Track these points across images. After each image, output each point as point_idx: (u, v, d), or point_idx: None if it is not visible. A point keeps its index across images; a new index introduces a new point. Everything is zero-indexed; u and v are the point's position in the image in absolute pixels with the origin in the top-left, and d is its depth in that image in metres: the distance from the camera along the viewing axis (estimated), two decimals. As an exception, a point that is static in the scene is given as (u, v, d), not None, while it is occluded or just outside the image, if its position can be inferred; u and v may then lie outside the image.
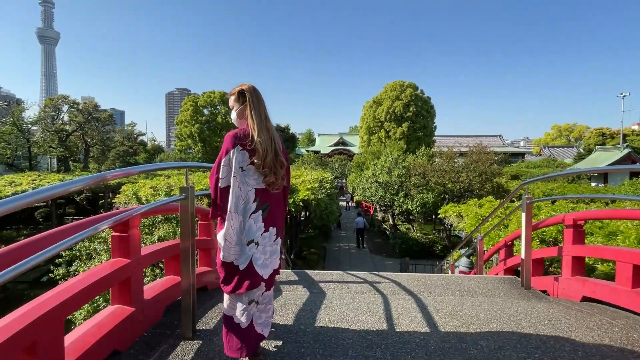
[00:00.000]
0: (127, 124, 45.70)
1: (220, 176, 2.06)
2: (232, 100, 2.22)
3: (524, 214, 3.81)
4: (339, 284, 3.89)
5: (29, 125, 24.14)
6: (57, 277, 6.94)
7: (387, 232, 20.61)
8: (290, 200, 10.66)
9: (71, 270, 7.25)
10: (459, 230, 10.22)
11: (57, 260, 7.56)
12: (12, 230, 21.33)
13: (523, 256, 3.82)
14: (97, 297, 5.14)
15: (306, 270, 4.43)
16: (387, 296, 3.40)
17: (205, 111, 48.71)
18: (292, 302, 3.13)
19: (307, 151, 54.14)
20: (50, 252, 1.54)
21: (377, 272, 4.47)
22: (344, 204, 34.24)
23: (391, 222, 20.21)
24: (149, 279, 6.61)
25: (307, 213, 14.74)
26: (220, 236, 2.05)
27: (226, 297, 2.06)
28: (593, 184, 29.72)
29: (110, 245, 2.45)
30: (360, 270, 4.80)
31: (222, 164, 2.05)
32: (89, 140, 27.08)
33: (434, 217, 22.22)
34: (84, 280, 2.02)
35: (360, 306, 3.03)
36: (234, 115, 2.23)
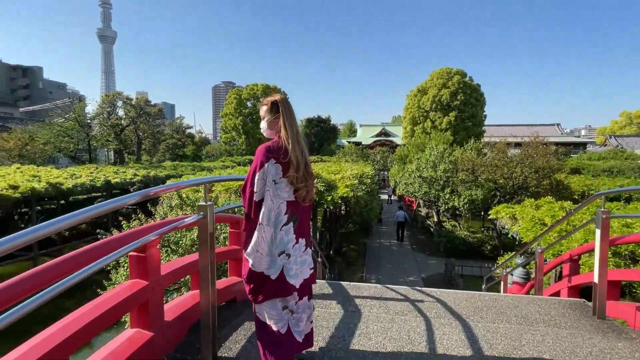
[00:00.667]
0: (176, 117, 47.92)
1: (254, 190, 2.06)
2: (263, 111, 2.21)
3: (598, 230, 3.22)
4: (377, 301, 3.56)
5: (89, 121, 26.02)
6: (109, 284, 7.26)
7: (431, 229, 19.75)
8: (329, 198, 10.41)
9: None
10: (513, 233, 9.38)
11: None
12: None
13: (596, 279, 3.24)
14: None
15: (341, 283, 4.15)
16: (430, 320, 3.01)
17: (249, 104, 49.97)
18: (323, 323, 2.86)
19: (348, 142, 53.52)
20: (56, 290, 1.39)
21: (419, 289, 4.06)
22: (386, 197, 33.41)
23: (436, 219, 19.30)
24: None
25: (347, 208, 14.46)
26: (250, 247, 2.05)
27: (258, 306, 2.06)
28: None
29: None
30: (402, 268, 4.42)
31: (256, 177, 2.05)
32: (140, 133, 28.72)
33: (482, 213, 20.97)
34: (97, 307, 1.90)
35: (399, 334, 2.68)
36: (264, 125, 2.22)
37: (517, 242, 13.60)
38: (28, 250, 15.83)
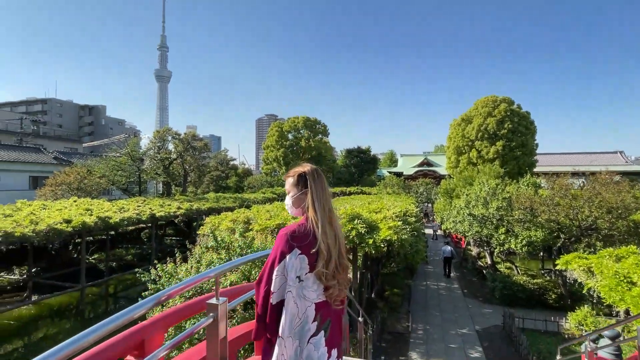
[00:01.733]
0: (221, 150, 49.92)
1: (272, 289, 1.63)
2: (289, 184, 1.83)
3: None
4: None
5: (141, 155, 27.62)
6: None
7: (484, 271, 18.00)
8: (370, 241, 9.66)
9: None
10: (588, 289, 7.97)
11: (143, 294, 7.81)
12: (122, 248, 24.19)
13: None
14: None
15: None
16: None
17: (290, 136, 51.06)
18: None
19: (389, 172, 52.40)
20: None
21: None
22: (430, 231, 31.64)
23: (489, 261, 17.57)
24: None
25: (390, 247, 13.52)
26: None
27: None
28: None
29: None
30: (453, 317, 3.56)
31: (274, 273, 1.62)
32: (187, 166, 29.90)
33: (542, 254, 18.92)
34: None
35: None
36: (288, 201, 1.82)
37: (592, 297, 11.80)
38: (76, 282, 16.43)
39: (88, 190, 24.04)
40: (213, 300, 1.89)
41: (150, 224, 21.07)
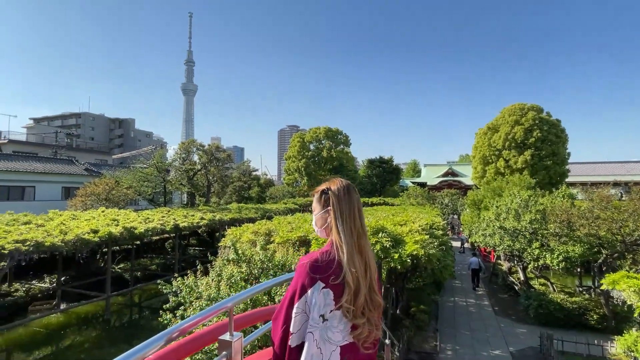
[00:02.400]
0: (243, 161, 50.59)
1: (291, 329, 1.39)
2: (314, 200, 1.62)
3: None
4: None
5: (167, 167, 28.23)
6: (165, 322, 7.17)
7: (516, 287, 17.01)
8: (396, 255, 9.25)
9: (177, 314, 7.41)
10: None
11: (164, 306, 7.77)
12: (147, 258, 24.59)
13: None
14: None
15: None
16: None
17: (311, 146, 51.21)
18: None
19: (413, 183, 51.41)
20: None
21: None
22: (456, 244, 30.52)
23: (522, 277, 16.59)
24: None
25: (416, 261, 12.99)
26: None
27: None
28: None
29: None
30: (484, 337, 3.14)
31: (294, 310, 1.39)
32: (210, 177, 30.30)
33: (579, 270, 17.75)
34: None
35: None
36: (313, 221, 1.62)
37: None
38: (103, 291, 16.72)
39: (115, 200, 24.69)
40: (226, 336, 1.65)
41: (174, 234, 21.35)
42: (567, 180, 34.47)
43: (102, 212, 19.93)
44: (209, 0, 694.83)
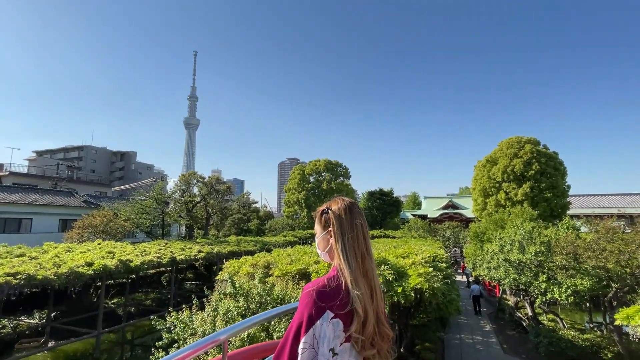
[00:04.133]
0: (242, 193, 50.53)
1: None
2: (315, 222, 1.54)
3: None
4: None
5: (166, 199, 28.10)
6: (158, 360, 6.80)
7: (524, 323, 16.35)
8: (399, 289, 8.93)
9: (170, 352, 6.99)
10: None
11: (157, 344, 7.37)
12: (141, 293, 23.85)
13: None
14: None
15: None
16: None
17: (311, 179, 51.34)
18: None
19: (413, 215, 51.04)
20: None
21: None
22: (461, 278, 29.81)
23: (530, 312, 15.97)
24: None
25: (420, 296, 12.54)
26: None
27: None
28: None
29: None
30: None
31: (301, 346, 1.24)
32: (210, 209, 30.08)
33: (589, 305, 17.16)
34: None
35: None
36: (316, 244, 1.53)
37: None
38: (94, 327, 16.03)
39: (113, 233, 24.33)
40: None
41: (170, 268, 20.84)
42: (569, 212, 34.28)
43: (99, 244, 19.56)
44: (213, 38, 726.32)
